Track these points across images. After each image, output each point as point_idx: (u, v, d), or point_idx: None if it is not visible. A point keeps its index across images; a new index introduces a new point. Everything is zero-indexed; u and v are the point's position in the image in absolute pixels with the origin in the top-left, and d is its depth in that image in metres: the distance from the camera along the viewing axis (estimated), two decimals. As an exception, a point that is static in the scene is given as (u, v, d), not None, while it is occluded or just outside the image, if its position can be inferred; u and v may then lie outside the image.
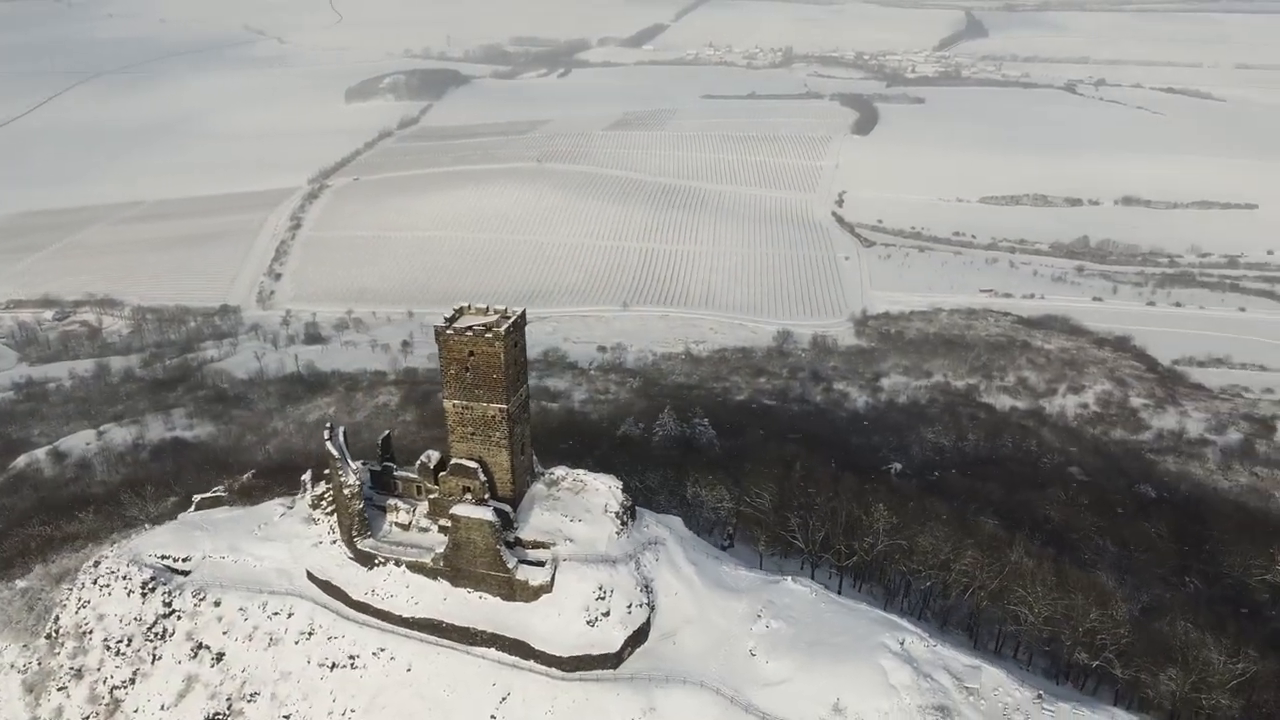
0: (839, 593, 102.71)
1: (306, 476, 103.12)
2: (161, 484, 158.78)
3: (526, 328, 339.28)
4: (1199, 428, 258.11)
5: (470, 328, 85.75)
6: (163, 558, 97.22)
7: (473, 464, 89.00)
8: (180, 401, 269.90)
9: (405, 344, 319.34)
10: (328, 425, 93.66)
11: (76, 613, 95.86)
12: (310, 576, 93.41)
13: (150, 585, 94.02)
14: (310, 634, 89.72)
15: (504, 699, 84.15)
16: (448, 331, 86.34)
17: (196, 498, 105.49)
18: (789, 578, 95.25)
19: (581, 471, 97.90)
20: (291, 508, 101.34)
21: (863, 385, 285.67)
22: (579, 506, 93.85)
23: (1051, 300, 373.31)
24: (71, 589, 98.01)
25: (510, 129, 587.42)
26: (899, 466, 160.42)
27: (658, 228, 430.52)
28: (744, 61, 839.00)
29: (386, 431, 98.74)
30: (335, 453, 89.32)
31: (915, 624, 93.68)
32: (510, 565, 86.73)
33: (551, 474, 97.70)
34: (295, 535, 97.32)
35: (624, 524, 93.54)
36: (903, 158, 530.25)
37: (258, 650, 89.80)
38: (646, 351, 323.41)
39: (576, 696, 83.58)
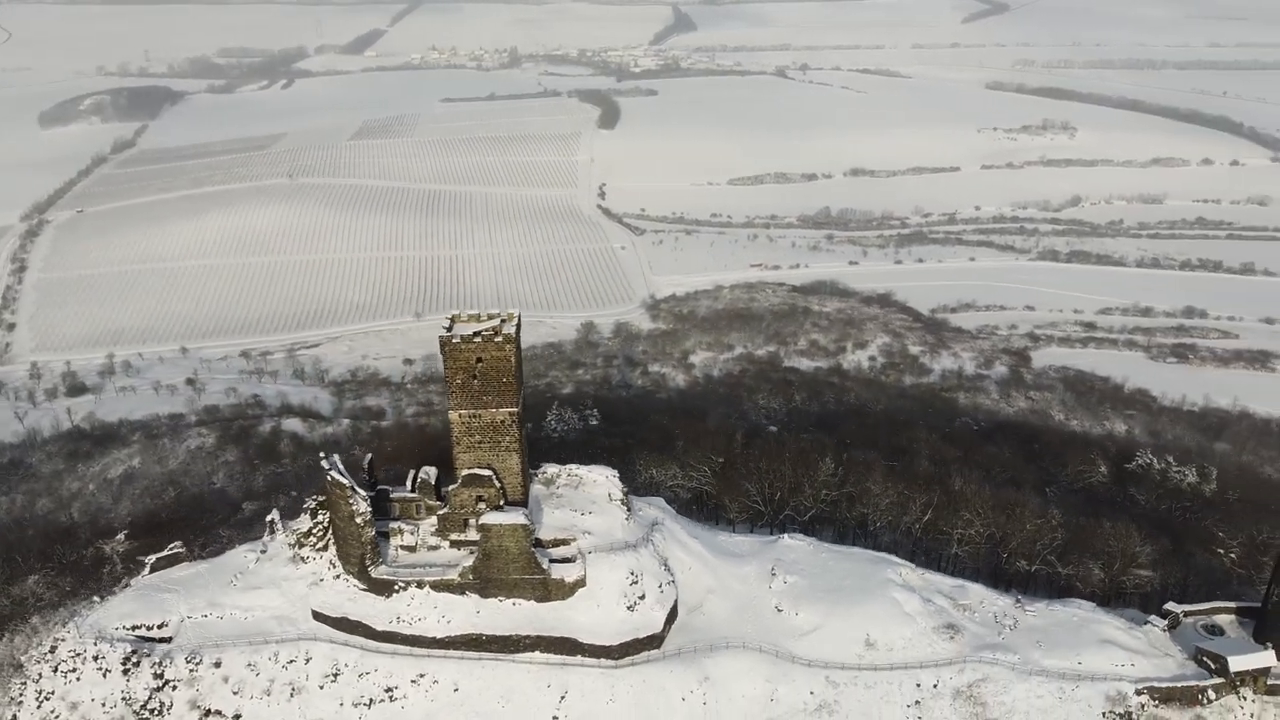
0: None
1: (274, 516, 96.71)
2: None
3: (318, 349, 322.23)
4: (972, 366, 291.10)
5: (478, 334, 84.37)
6: (133, 628, 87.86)
7: (486, 472, 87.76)
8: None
9: (191, 382, 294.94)
10: (323, 455, 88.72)
11: (39, 707, 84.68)
12: (319, 617, 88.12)
13: (133, 659, 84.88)
14: (336, 675, 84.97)
15: (563, 697, 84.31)
16: (454, 340, 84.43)
17: (150, 559, 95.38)
18: (785, 535, 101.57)
19: (574, 466, 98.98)
20: (264, 551, 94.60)
21: (675, 365, 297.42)
22: (584, 499, 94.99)
23: (815, 268, 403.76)
24: (25, 682, 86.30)
25: (245, 145, 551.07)
26: (775, 429, 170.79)
27: (432, 234, 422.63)
28: (472, 64, 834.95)
29: (369, 454, 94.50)
30: (345, 480, 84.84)
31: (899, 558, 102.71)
32: (545, 566, 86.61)
33: (545, 472, 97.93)
34: (284, 578, 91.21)
35: (629, 510, 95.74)
36: (651, 148, 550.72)
37: (280, 703, 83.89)
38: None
39: (633, 681, 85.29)
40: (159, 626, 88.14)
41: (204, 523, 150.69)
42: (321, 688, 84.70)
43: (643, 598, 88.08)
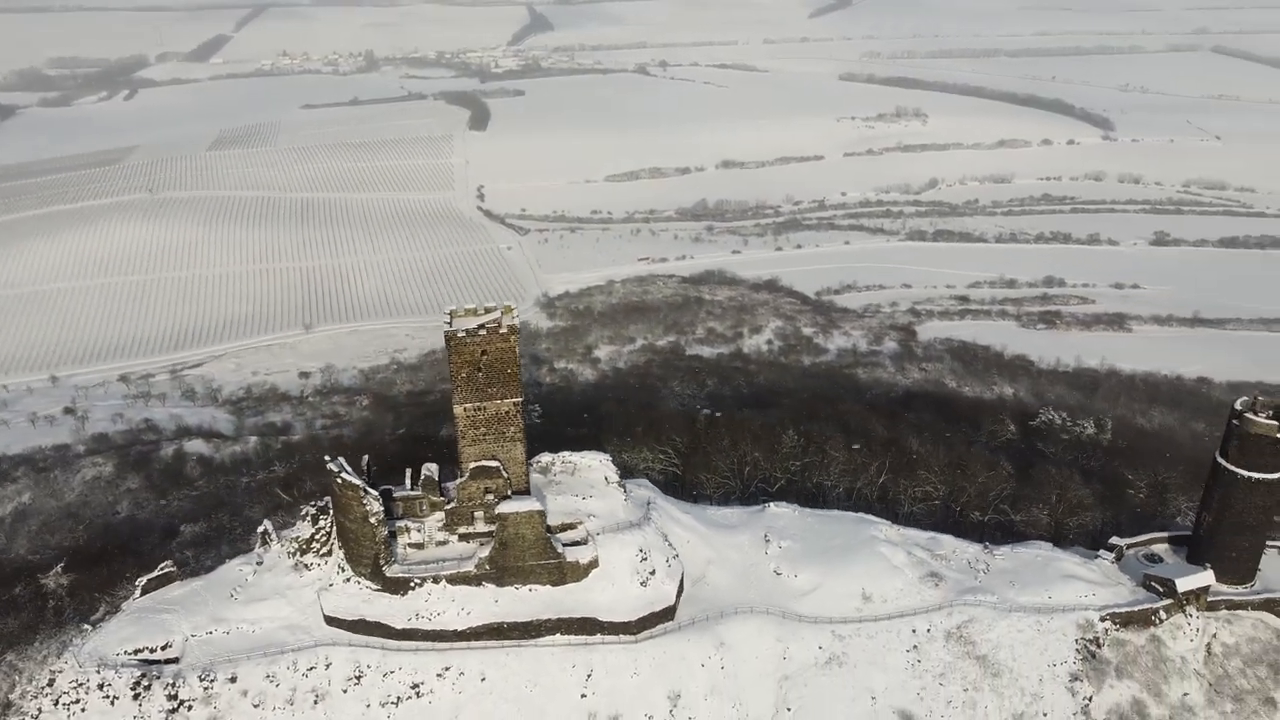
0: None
1: (267, 527, 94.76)
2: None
3: (203, 368, 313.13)
4: (864, 343, 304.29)
5: (482, 326, 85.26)
6: (135, 652, 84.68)
7: (494, 463, 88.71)
8: None
9: (70, 410, 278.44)
10: (327, 458, 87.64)
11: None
12: (334, 621, 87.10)
13: (143, 683, 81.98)
14: (359, 677, 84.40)
15: (589, 675, 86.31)
16: (459, 334, 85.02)
17: (141, 580, 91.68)
18: (771, 504, 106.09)
19: (566, 453, 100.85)
20: (260, 563, 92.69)
21: (581, 360, 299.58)
22: (582, 484, 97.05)
23: (701, 258, 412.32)
24: (24, 719, 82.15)
25: (95, 160, 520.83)
26: (709, 411, 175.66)
27: (311, 244, 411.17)
28: (328, 68, 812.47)
29: (366, 456, 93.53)
30: (357, 482, 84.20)
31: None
32: (560, 550, 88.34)
33: (539, 461, 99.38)
34: (288, 587, 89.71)
35: (626, 491, 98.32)
36: (525, 148, 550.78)
37: (304, 711, 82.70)
38: (350, 368, 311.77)
39: (655, 654, 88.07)
40: (163, 648, 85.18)
41: (143, 547, 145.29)
42: (345, 691, 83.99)
43: (653, 573, 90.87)
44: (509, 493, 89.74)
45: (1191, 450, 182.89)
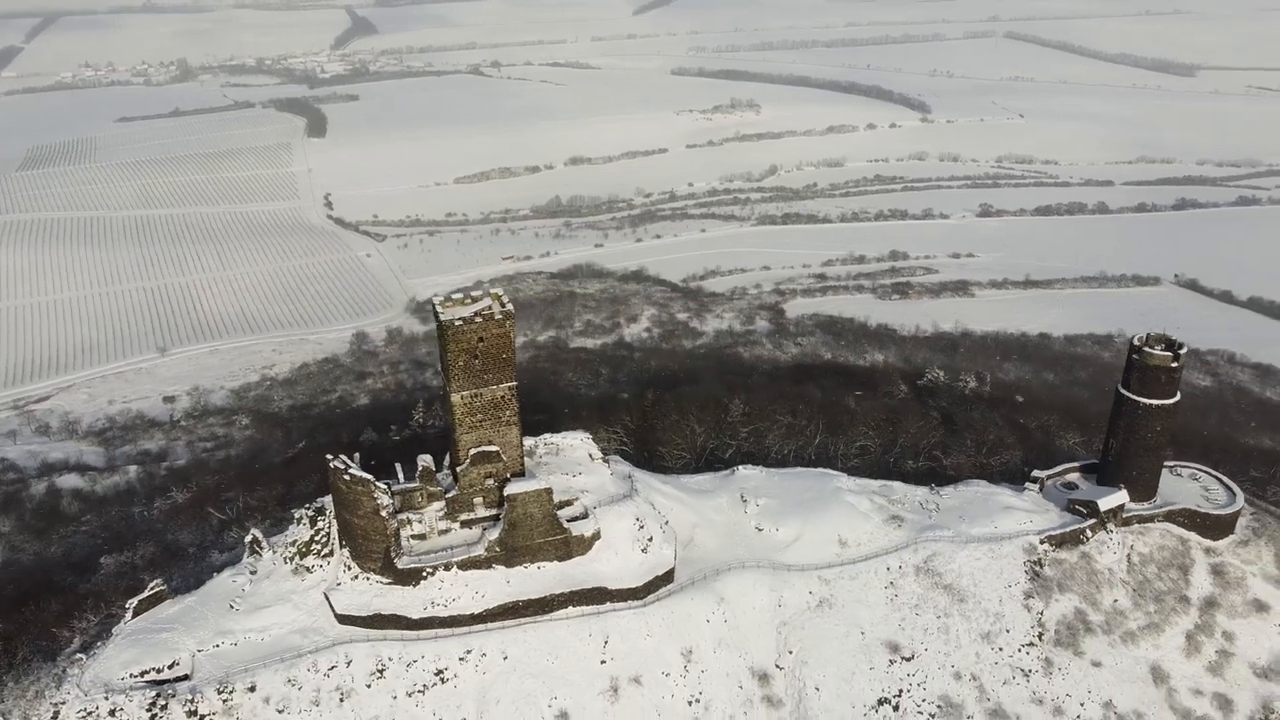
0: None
1: (258, 535, 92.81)
2: None
3: (50, 401, 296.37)
4: (738, 324, 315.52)
5: (479, 314, 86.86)
6: (142, 674, 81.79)
7: (494, 448, 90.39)
8: None
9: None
10: (330, 456, 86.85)
11: (56, 778, 77.29)
12: (347, 619, 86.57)
13: (159, 703, 79.40)
14: (382, 671, 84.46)
15: (606, 642, 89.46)
16: (456, 323, 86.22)
17: (132, 602, 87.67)
18: (739, 467, 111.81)
19: (546, 435, 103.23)
20: (254, 572, 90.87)
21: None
22: (570, 463, 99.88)
23: (565, 254, 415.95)
24: (31, 757, 78.14)
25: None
26: (626, 395, 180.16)
27: (153, 263, 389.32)
28: (139, 79, 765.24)
29: (357, 453, 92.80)
30: (368, 476, 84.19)
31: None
32: (566, 525, 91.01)
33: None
34: (292, 591, 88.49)
35: (610, 466, 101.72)
36: (369, 153, 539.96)
37: (330, 710, 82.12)
38: (220, 389, 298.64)
39: (663, 615, 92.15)
40: (170, 667, 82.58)
41: (62, 583, 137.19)
42: (369, 686, 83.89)
43: (651, 539, 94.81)
44: (508, 475, 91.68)
45: (1051, 397, 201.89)
